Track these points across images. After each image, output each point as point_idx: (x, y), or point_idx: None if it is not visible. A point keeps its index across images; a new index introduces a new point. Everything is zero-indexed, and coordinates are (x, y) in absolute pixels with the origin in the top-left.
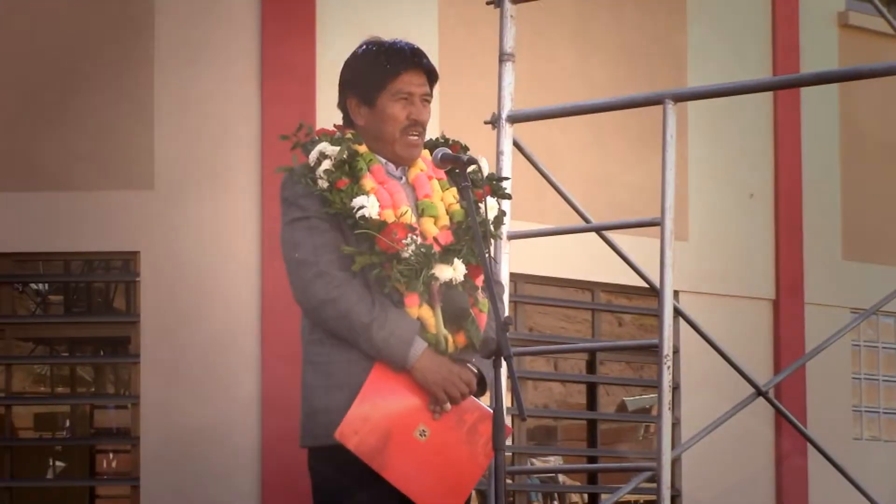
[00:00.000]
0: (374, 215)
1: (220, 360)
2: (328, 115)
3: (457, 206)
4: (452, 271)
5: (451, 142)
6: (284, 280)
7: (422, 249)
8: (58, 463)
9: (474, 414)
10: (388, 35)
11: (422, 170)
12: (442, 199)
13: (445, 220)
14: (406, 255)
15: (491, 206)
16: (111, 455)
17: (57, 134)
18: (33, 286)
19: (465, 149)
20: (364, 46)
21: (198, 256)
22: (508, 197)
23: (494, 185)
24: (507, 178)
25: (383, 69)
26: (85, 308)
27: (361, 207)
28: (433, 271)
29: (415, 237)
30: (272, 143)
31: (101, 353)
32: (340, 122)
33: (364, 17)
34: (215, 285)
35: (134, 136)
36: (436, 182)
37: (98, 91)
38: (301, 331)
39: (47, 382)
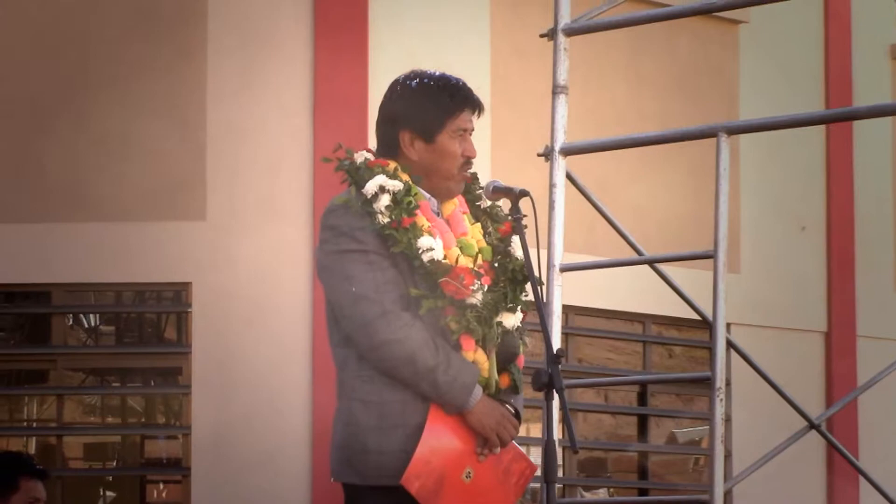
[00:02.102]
0: (441, 258)
1: (272, 391)
2: None
3: (484, 244)
4: (514, 318)
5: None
6: None
7: (489, 297)
8: (108, 493)
9: (510, 453)
10: (440, 66)
11: (455, 206)
12: (472, 237)
13: (479, 259)
14: (473, 301)
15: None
16: (161, 485)
17: (110, 164)
18: (84, 317)
19: (476, 178)
20: (417, 79)
21: (249, 287)
22: (523, 232)
23: (514, 222)
24: (524, 216)
25: (446, 106)
26: (136, 339)
27: (429, 249)
28: (500, 319)
29: (480, 283)
30: (324, 174)
31: (153, 383)
32: (373, 148)
33: (416, 47)
34: (267, 316)
35: (186, 167)
36: (465, 217)
37: (150, 121)
38: (340, 364)
39: (98, 413)
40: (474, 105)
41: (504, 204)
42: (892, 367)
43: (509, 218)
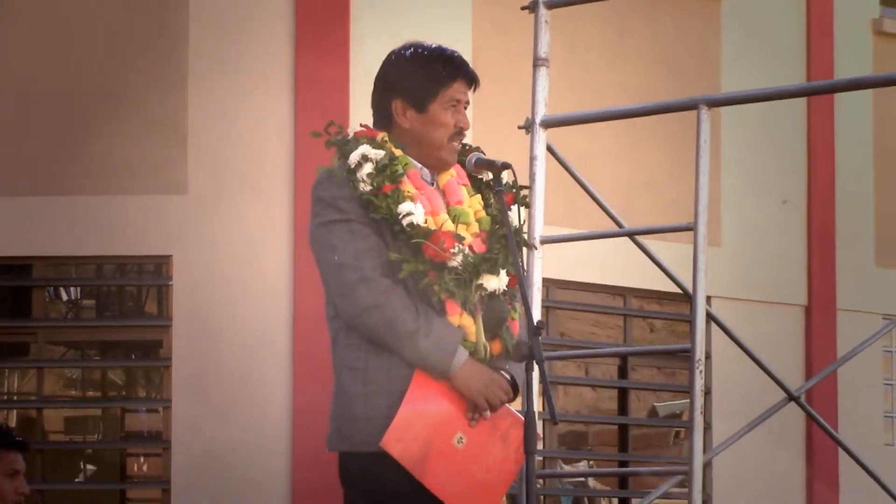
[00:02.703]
0: (421, 222)
1: (252, 365)
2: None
3: (483, 214)
4: (498, 281)
5: (467, 146)
6: (317, 285)
7: (469, 259)
8: (88, 466)
9: (506, 420)
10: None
11: (451, 176)
12: (470, 206)
13: (476, 228)
14: (454, 264)
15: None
16: (142, 458)
17: (92, 139)
18: (65, 290)
19: (480, 152)
20: (412, 49)
21: (230, 262)
22: (527, 205)
23: (516, 194)
24: (527, 187)
25: (438, 75)
26: (117, 312)
27: (409, 214)
28: (481, 281)
29: (462, 246)
30: (305, 152)
31: (133, 356)
32: (368, 124)
33: (398, 25)
34: (248, 290)
35: (168, 142)
36: (464, 188)
37: (133, 97)
38: (332, 334)
39: (78, 386)
40: (468, 77)
41: (508, 175)
42: (870, 339)
43: (513, 189)
